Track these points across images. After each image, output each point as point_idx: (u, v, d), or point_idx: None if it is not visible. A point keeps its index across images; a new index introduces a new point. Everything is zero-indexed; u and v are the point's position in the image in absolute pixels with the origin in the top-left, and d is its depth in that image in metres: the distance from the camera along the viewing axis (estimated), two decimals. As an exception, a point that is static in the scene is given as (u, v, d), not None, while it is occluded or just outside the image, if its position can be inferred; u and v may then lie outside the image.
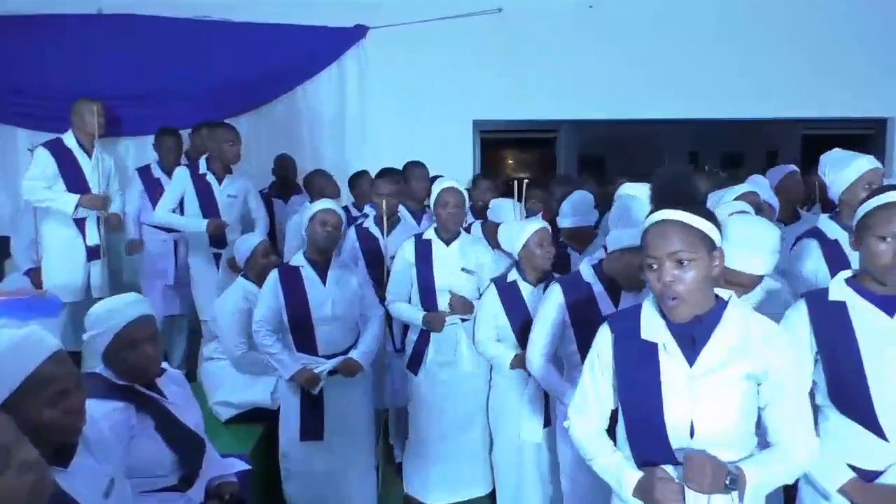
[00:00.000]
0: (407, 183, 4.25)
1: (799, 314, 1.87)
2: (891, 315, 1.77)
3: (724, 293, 1.69)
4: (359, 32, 5.57)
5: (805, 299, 1.89)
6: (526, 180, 3.78)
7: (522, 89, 5.64)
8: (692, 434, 1.62)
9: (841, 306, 1.82)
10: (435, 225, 3.48)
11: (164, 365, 2.18)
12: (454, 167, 5.10)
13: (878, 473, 1.77)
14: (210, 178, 4.31)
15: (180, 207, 4.33)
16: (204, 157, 4.39)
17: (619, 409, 1.77)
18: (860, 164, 2.62)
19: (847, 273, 1.89)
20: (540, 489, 3.10)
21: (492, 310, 3.11)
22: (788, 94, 5.73)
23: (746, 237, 2.05)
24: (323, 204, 3.23)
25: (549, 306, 2.65)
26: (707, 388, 1.62)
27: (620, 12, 5.66)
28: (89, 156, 4.21)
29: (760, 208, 3.17)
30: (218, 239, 4.37)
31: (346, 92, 5.61)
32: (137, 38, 5.26)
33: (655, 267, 1.61)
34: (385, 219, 3.70)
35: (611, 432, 1.85)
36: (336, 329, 3.19)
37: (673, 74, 5.66)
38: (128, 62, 5.21)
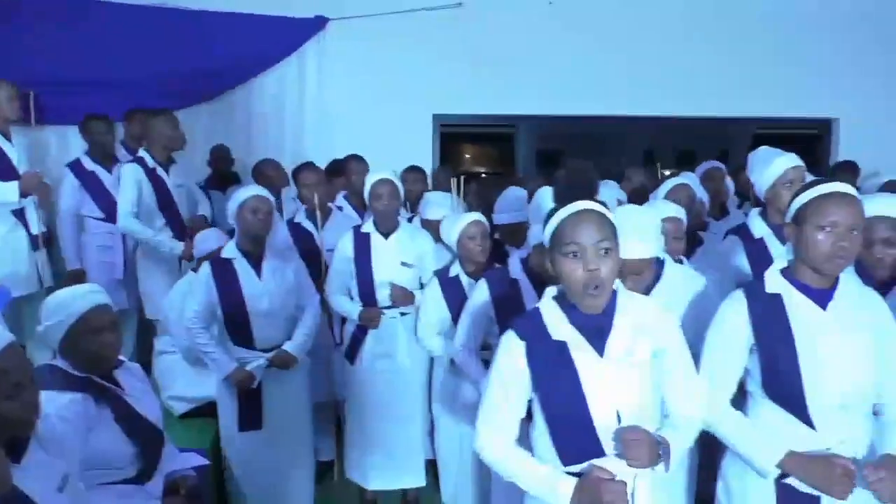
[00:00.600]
0: (347, 177, 4.23)
1: (737, 306, 1.90)
2: (823, 308, 1.83)
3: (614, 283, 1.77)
4: (318, 23, 5.52)
5: (743, 291, 1.92)
6: (463, 176, 3.82)
7: (482, 84, 5.67)
8: (619, 421, 1.68)
9: (777, 298, 1.86)
10: (373, 217, 3.42)
11: (121, 357, 2.16)
12: (413, 161, 5.08)
13: None
14: (160, 170, 4.17)
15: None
16: (143, 147, 4.22)
17: (538, 412, 1.76)
18: (782, 163, 2.63)
19: (782, 264, 1.93)
20: (480, 477, 3.14)
21: (434, 303, 3.15)
22: (741, 94, 5.87)
23: (627, 225, 2.06)
24: (251, 190, 3.12)
25: (476, 299, 2.77)
26: (622, 374, 1.69)
27: (580, 9, 5.72)
28: (9, 140, 3.99)
29: (693, 202, 3.28)
30: (181, 231, 4.25)
31: (305, 84, 5.57)
32: (88, 24, 5.11)
33: (578, 255, 1.64)
34: (318, 211, 3.67)
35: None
36: (273, 322, 3.12)
37: (630, 72, 5.76)
38: (77, 48, 5.04)
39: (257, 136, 5.50)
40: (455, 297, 3.09)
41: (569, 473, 1.71)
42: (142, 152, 4.19)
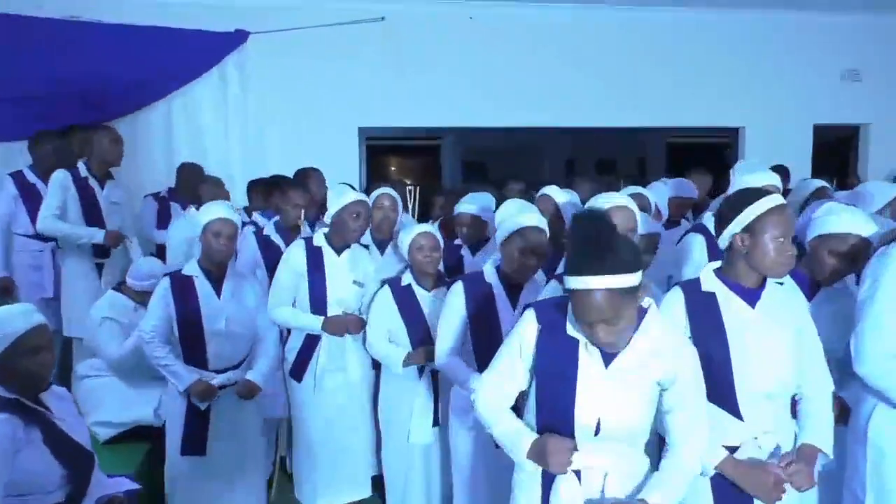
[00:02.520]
0: (308, 188, 4.19)
1: (676, 301, 1.99)
2: (752, 306, 1.94)
3: (644, 301, 1.75)
4: (239, 37, 5.46)
5: (681, 288, 2.02)
6: (413, 187, 3.87)
7: (407, 97, 5.74)
8: (597, 431, 1.74)
9: (712, 296, 1.96)
10: (325, 231, 3.37)
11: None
12: (340, 174, 5.09)
13: (734, 448, 1.95)
14: (92, 182, 4.09)
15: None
16: (82, 161, 4.15)
17: (532, 396, 1.85)
18: (763, 179, 2.78)
19: (716, 264, 2.03)
20: (427, 489, 3.18)
21: (385, 311, 3.13)
22: (654, 105, 6.15)
23: None
24: (216, 213, 2.98)
25: (452, 304, 2.75)
26: (618, 389, 1.73)
27: (499, 25, 5.87)
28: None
29: (647, 210, 3.42)
30: (103, 249, 4.16)
31: (228, 97, 5.49)
32: (2, 38, 4.92)
33: (586, 323, 1.65)
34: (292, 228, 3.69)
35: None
36: (229, 343, 3.05)
37: (550, 85, 5.94)
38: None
39: (178, 150, 5.38)
40: (408, 306, 3.10)
41: None
42: (79, 164, 4.13)
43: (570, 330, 1.75)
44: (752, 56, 6.33)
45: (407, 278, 3.15)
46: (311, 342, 3.35)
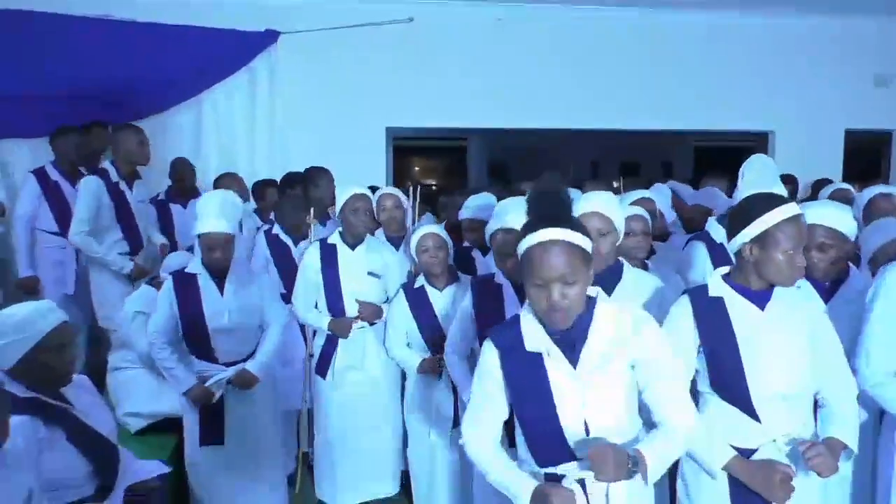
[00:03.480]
0: (315, 187, 4.23)
1: (683, 309, 2.01)
2: (762, 308, 1.95)
3: (591, 290, 1.77)
4: (269, 37, 5.51)
5: (688, 295, 2.02)
6: (418, 187, 3.89)
7: (434, 98, 5.75)
8: (587, 432, 1.73)
9: (719, 301, 1.97)
10: (340, 229, 3.45)
11: None
12: (367, 174, 5.16)
13: (753, 451, 1.95)
14: (123, 185, 4.12)
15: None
16: (108, 161, 4.20)
17: (515, 416, 1.82)
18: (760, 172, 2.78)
19: (724, 269, 2.04)
20: (451, 487, 3.19)
21: (401, 315, 3.20)
22: (682, 109, 6.11)
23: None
24: (206, 226, 2.96)
25: (463, 305, 2.80)
26: (593, 385, 1.73)
27: (526, 27, 5.87)
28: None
29: (654, 215, 3.41)
30: (138, 248, 4.21)
31: (256, 97, 5.53)
32: (33, 35, 5.00)
33: (540, 284, 1.66)
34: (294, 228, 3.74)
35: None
36: (234, 339, 3.10)
37: (576, 88, 5.93)
38: (23, 60, 4.94)
39: (207, 150, 5.44)
40: (421, 308, 3.14)
41: (546, 473, 1.78)
42: (106, 164, 4.16)
43: (529, 345, 1.75)
44: (783, 60, 6.25)
45: (420, 280, 3.21)
46: (332, 339, 3.43)
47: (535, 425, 1.76)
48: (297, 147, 5.39)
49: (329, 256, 3.39)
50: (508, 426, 1.90)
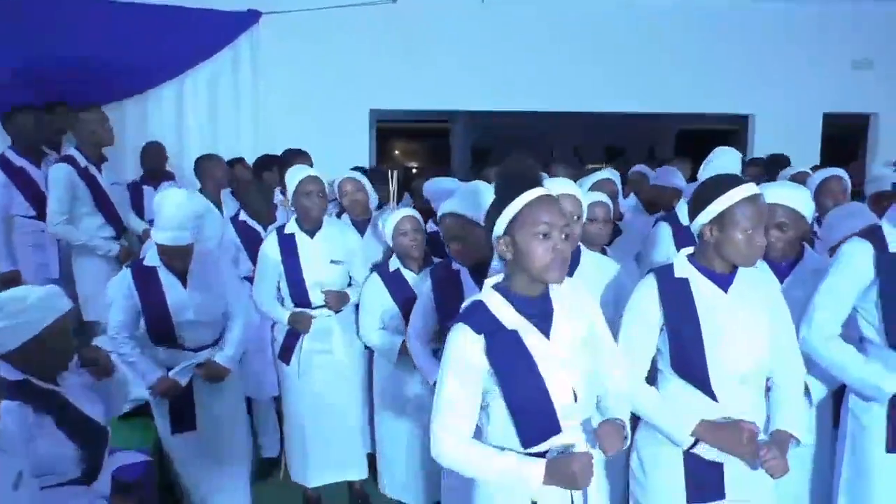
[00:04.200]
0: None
1: (648, 288, 2.04)
2: (725, 290, 1.98)
3: None
4: (252, 17, 5.47)
5: (654, 274, 2.05)
6: (396, 172, 3.84)
7: (418, 80, 5.74)
8: (575, 399, 1.75)
9: (684, 282, 2.00)
10: (295, 217, 3.32)
11: None
12: (351, 156, 5.15)
13: None
14: (92, 169, 4.01)
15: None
16: (73, 147, 4.06)
17: (496, 401, 1.76)
18: (730, 165, 2.86)
19: (689, 250, 2.07)
20: (422, 469, 3.19)
21: (376, 299, 3.15)
22: (664, 92, 6.13)
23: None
24: (164, 238, 2.87)
25: (423, 290, 2.82)
26: (569, 353, 1.76)
27: (510, 10, 5.85)
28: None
29: (615, 196, 3.46)
30: (119, 230, 4.15)
31: (238, 78, 5.51)
32: (9, 13, 4.92)
33: (545, 235, 1.67)
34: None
35: None
36: (200, 329, 3.04)
37: (559, 71, 5.93)
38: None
39: (189, 131, 5.41)
40: (400, 291, 3.12)
41: (529, 454, 1.74)
42: (72, 150, 4.03)
43: (508, 324, 1.74)
44: (764, 45, 6.30)
45: (394, 263, 3.17)
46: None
47: (525, 403, 1.74)
48: (280, 129, 5.36)
49: (288, 246, 3.28)
50: None
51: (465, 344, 1.72)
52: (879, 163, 4.36)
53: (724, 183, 1.95)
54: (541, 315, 1.76)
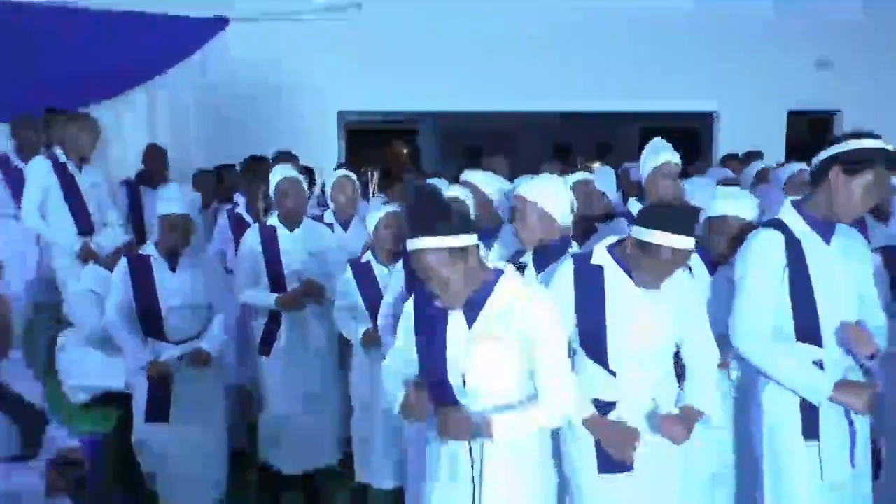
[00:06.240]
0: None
1: (566, 271, 2.19)
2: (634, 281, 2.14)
3: (500, 264, 2.01)
4: (220, 24, 5.58)
5: (572, 259, 2.22)
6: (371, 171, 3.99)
7: (385, 82, 5.88)
8: (464, 384, 1.93)
9: (599, 269, 2.16)
10: (278, 213, 3.50)
11: None
12: (320, 158, 5.26)
13: (613, 404, 2.15)
14: (72, 167, 4.13)
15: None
16: (58, 146, 4.23)
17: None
18: (665, 155, 2.94)
19: (612, 239, 2.22)
20: (392, 456, 3.31)
21: (348, 289, 3.28)
22: (628, 90, 6.28)
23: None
24: (170, 205, 3.11)
25: (395, 283, 2.95)
26: (482, 347, 1.92)
27: (475, 11, 5.99)
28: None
29: (591, 196, 3.56)
30: (87, 226, 4.23)
31: (207, 83, 5.60)
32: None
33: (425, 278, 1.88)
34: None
35: None
36: (186, 318, 3.18)
37: (524, 70, 6.07)
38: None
39: (160, 136, 5.47)
40: (366, 281, 3.24)
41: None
42: (56, 147, 4.17)
43: (439, 302, 1.94)
44: (728, 43, 6.43)
45: (367, 256, 3.30)
46: (274, 317, 3.49)
47: (428, 371, 1.98)
48: (249, 133, 5.49)
49: (269, 238, 3.47)
50: None
51: (408, 302, 2.10)
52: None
53: (670, 222, 2.03)
54: (473, 305, 1.94)
